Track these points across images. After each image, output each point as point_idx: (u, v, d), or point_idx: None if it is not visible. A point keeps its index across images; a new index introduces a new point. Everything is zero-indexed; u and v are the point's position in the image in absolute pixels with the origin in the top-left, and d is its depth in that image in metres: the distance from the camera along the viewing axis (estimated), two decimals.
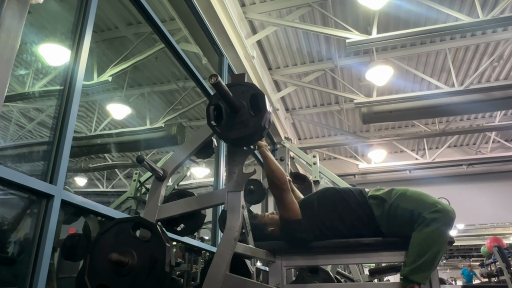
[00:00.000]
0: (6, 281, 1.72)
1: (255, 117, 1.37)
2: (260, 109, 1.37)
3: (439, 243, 1.54)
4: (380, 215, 1.71)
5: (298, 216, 1.75)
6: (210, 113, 1.42)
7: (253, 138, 1.41)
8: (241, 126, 1.38)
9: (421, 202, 1.65)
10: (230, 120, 1.40)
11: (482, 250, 11.65)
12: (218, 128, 1.40)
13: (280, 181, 1.76)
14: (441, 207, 1.58)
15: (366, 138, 8.30)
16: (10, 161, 4.53)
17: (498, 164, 9.36)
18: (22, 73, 5.24)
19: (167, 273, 1.18)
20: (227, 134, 1.39)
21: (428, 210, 1.58)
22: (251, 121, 1.37)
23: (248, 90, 1.42)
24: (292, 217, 1.75)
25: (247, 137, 1.38)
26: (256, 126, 1.37)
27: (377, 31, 4.85)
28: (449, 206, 1.61)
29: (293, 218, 1.75)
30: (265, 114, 1.36)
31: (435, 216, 1.55)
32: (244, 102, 1.40)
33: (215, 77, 1.28)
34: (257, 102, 1.39)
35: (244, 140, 1.41)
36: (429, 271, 1.54)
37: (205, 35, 3.83)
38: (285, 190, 1.77)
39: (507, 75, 6.84)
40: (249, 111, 1.39)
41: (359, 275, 3.28)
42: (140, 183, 4.97)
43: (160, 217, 1.45)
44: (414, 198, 1.69)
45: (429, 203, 1.62)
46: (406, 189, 1.75)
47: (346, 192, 1.84)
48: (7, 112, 6.10)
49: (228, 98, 1.34)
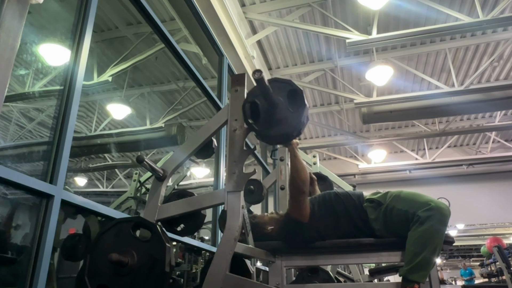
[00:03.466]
0: (6, 281, 1.72)
1: (294, 113, 1.36)
2: (299, 105, 1.36)
3: (434, 240, 1.54)
4: (376, 218, 1.72)
5: (305, 219, 1.74)
6: (246, 111, 1.39)
7: (292, 135, 1.39)
8: (280, 123, 1.36)
9: (415, 201, 1.66)
10: (268, 117, 1.37)
11: (482, 250, 11.66)
12: (256, 126, 1.38)
13: (303, 182, 1.73)
14: (434, 205, 1.59)
15: (366, 138, 8.30)
16: (10, 161, 4.53)
17: (498, 164, 9.35)
18: (22, 73, 5.24)
19: (167, 273, 1.18)
20: (266, 132, 1.37)
21: (421, 208, 1.59)
22: (290, 118, 1.36)
23: (285, 87, 1.40)
24: (299, 218, 1.75)
25: (287, 134, 1.37)
26: (296, 123, 1.35)
27: (377, 31, 4.85)
28: (443, 204, 1.62)
29: (299, 219, 1.75)
30: (305, 110, 1.35)
31: (429, 214, 1.56)
32: (282, 99, 1.38)
33: (259, 72, 1.27)
34: (295, 98, 1.38)
35: (283, 137, 1.40)
36: (427, 269, 1.54)
37: (205, 35, 3.83)
38: (304, 193, 1.74)
39: (507, 75, 6.83)
40: (287, 107, 1.37)
41: (359, 275, 3.28)
42: (140, 183, 4.97)
43: (160, 217, 1.45)
44: (408, 198, 1.70)
45: (422, 202, 1.63)
46: (400, 191, 1.77)
47: (345, 196, 1.85)
48: (7, 112, 6.10)
49: (268, 94, 1.33)
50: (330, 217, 1.78)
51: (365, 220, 1.75)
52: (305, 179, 1.73)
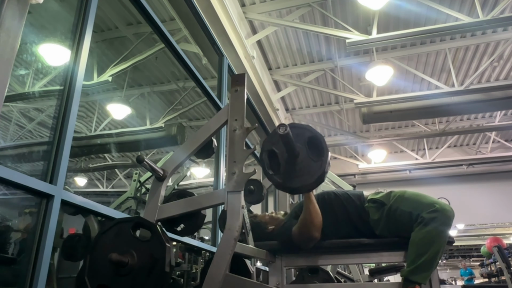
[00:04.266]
0: (6, 281, 1.72)
1: (317, 162, 1.29)
2: (320, 152, 1.30)
3: (438, 242, 1.54)
4: (378, 218, 1.71)
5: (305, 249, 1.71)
6: (265, 161, 1.34)
7: (315, 185, 1.34)
8: (302, 173, 1.30)
9: (419, 203, 1.65)
10: (289, 167, 1.32)
11: (482, 250, 11.65)
12: (277, 177, 1.32)
13: (315, 227, 1.64)
14: (439, 207, 1.58)
15: (366, 138, 8.30)
16: (10, 161, 4.53)
17: (498, 164, 9.35)
18: (22, 73, 5.24)
19: (167, 273, 1.18)
20: (288, 184, 1.31)
21: (426, 210, 1.58)
22: (312, 167, 1.29)
23: (304, 133, 1.34)
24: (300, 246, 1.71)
25: (310, 185, 1.31)
26: (319, 173, 1.29)
27: (377, 31, 4.84)
28: (447, 205, 1.61)
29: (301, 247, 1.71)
30: (327, 159, 1.29)
31: (433, 216, 1.55)
32: (301, 146, 1.32)
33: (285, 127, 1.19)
34: (316, 145, 1.32)
35: (306, 188, 1.34)
36: (429, 270, 1.54)
37: (205, 35, 3.83)
38: (316, 238, 1.65)
39: (507, 75, 6.83)
40: (308, 155, 1.31)
41: (359, 275, 3.28)
42: (140, 183, 4.97)
43: (160, 217, 1.45)
44: (412, 199, 1.68)
45: (427, 203, 1.62)
46: (404, 191, 1.75)
47: (345, 197, 1.83)
48: (7, 112, 6.10)
49: (291, 146, 1.26)
50: (329, 217, 1.77)
51: (365, 220, 1.75)
52: (318, 226, 1.64)
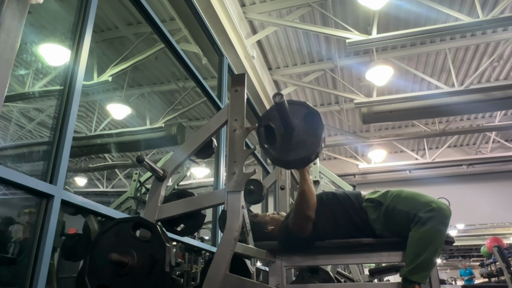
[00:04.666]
0: (6, 281, 1.72)
1: (312, 136, 1.32)
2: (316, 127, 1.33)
3: (436, 241, 1.54)
4: (376, 218, 1.71)
5: (304, 235, 1.71)
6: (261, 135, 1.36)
7: (310, 159, 1.35)
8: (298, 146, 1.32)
9: (416, 202, 1.65)
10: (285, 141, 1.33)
11: (482, 250, 11.65)
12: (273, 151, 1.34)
13: (309, 207, 1.67)
14: (436, 206, 1.58)
15: (366, 138, 8.30)
16: (10, 161, 4.53)
17: (498, 164, 9.35)
18: (22, 73, 5.24)
19: (167, 273, 1.18)
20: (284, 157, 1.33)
21: (423, 209, 1.58)
22: (308, 141, 1.32)
23: (300, 109, 1.37)
24: (296, 233, 1.72)
25: (305, 158, 1.33)
26: (314, 146, 1.31)
27: (377, 31, 4.84)
28: (444, 205, 1.61)
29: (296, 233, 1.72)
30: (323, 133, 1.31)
31: (430, 215, 1.55)
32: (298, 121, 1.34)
33: (280, 95, 1.22)
34: (312, 121, 1.34)
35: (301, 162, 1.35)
36: (428, 270, 1.54)
37: (205, 35, 3.83)
38: (310, 218, 1.68)
39: (507, 75, 6.84)
40: (304, 130, 1.33)
41: (359, 275, 3.28)
42: (140, 183, 4.97)
43: (160, 217, 1.45)
44: (409, 198, 1.68)
45: (424, 202, 1.62)
46: (401, 190, 1.75)
47: (344, 197, 1.83)
48: (7, 112, 6.10)
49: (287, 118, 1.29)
50: (328, 218, 1.77)
51: (364, 220, 1.75)
52: (312, 205, 1.67)
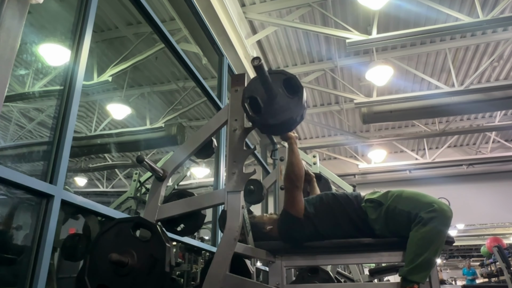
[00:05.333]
0: (6, 281, 1.72)
1: (294, 98, 1.36)
2: (296, 90, 1.37)
3: (436, 242, 1.54)
4: (376, 218, 1.71)
5: (300, 215, 1.76)
6: (247, 107, 1.39)
7: (296, 120, 1.39)
8: (282, 110, 1.36)
9: (418, 202, 1.64)
10: (269, 107, 1.38)
11: (482, 250, 11.65)
12: (260, 118, 1.38)
13: (297, 177, 1.76)
14: (437, 207, 1.58)
15: (366, 138, 8.30)
16: (10, 161, 4.53)
17: (498, 164, 9.35)
18: (22, 73, 5.24)
19: (167, 273, 1.18)
20: (270, 121, 1.37)
21: (424, 209, 1.58)
22: (291, 103, 1.36)
23: (279, 77, 1.42)
24: (294, 213, 1.76)
25: (291, 119, 1.36)
26: (297, 107, 1.36)
27: (377, 31, 4.84)
28: (446, 205, 1.61)
29: (294, 215, 1.76)
30: (304, 94, 1.36)
31: (432, 216, 1.55)
32: (278, 88, 1.39)
33: (258, 59, 1.26)
34: (291, 85, 1.39)
35: (288, 123, 1.39)
36: (428, 270, 1.54)
37: (205, 35, 3.83)
38: (298, 188, 1.77)
39: (507, 75, 6.83)
40: (286, 94, 1.38)
41: (359, 275, 3.28)
42: (140, 183, 4.98)
43: (160, 217, 1.45)
44: (410, 198, 1.68)
45: (425, 203, 1.62)
46: (402, 191, 1.75)
47: (343, 197, 1.84)
48: (7, 112, 6.10)
49: (268, 83, 1.33)
50: (328, 218, 1.78)
51: (364, 220, 1.75)
52: (299, 174, 1.76)
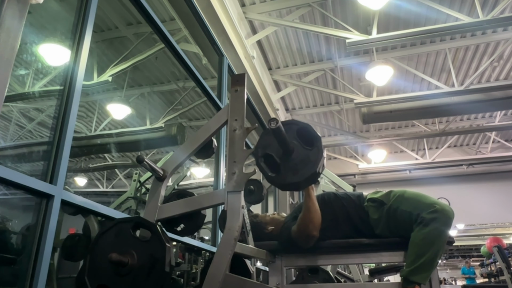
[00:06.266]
0: (6, 281, 1.72)
1: (312, 150, 1.31)
2: (313, 140, 1.33)
3: (438, 243, 1.54)
4: (378, 218, 1.71)
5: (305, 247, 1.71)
6: (263, 167, 1.35)
7: (319, 173, 1.33)
8: (303, 165, 1.31)
9: (420, 203, 1.64)
10: (287, 164, 1.32)
11: (482, 250, 11.64)
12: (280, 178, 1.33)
13: (314, 226, 1.66)
14: (439, 207, 1.58)
15: (366, 138, 8.30)
16: (10, 161, 4.53)
17: (498, 164, 9.35)
18: (22, 73, 5.24)
19: (167, 273, 1.18)
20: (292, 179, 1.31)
21: (426, 210, 1.58)
22: (310, 155, 1.31)
23: (291, 127, 1.37)
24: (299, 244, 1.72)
25: (315, 173, 1.31)
26: (317, 158, 1.30)
27: (377, 31, 4.84)
28: (448, 206, 1.61)
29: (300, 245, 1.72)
30: (321, 143, 1.32)
31: (434, 216, 1.55)
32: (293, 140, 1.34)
33: (275, 121, 1.20)
34: (306, 134, 1.34)
35: (312, 178, 1.33)
36: (429, 271, 1.54)
37: (205, 35, 3.83)
38: (315, 237, 1.67)
39: (507, 75, 6.83)
40: (303, 146, 1.33)
41: (359, 275, 3.28)
42: (140, 183, 4.97)
43: (160, 217, 1.45)
44: (412, 199, 1.68)
45: (427, 203, 1.62)
46: (404, 191, 1.75)
47: (344, 197, 1.84)
48: (7, 112, 6.10)
49: (285, 142, 1.28)
50: (329, 218, 1.77)
51: (365, 220, 1.75)
52: (317, 224, 1.66)
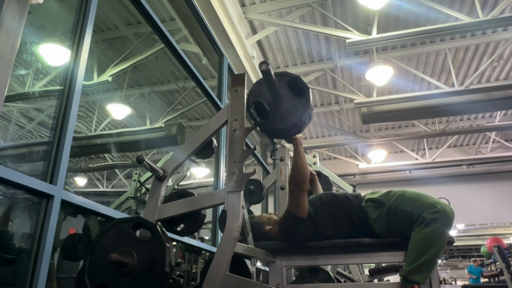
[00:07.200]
0: (6, 281, 1.72)
1: (301, 99, 1.34)
2: (302, 91, 1.35)
3: (438, 243, 1.54)
4: (377, 217, 1.71)
5: (304, 216, 1.75)
6: (253, 113, 1.36)
7: (306, 122, 1.36)
8: (290, 113, 1.33)
9: (420, 203, 1.64)
10: (275, 111, 1.35)
11: (482, 250, 11.63)
12: (269, 124, 1.36)
13: (303, 180, 1.75)
14: (440, 208, 1.58)
15: (366, 138, 8.30)
16: (10, 161, 4.53)
17: (498, 164, 9.35)
18: (22, 73, 5.24)
19: (167, 273, 1.18)
20: (280, 125, 1.34)
21: (427, 210, 1.58)
22: (298, 105, 1.34)
23: (282, 79, 1.39)
24: (299, 215, 1.76)
25: (301, 121, 1.34)
26: (305, 108, 1.33)
27: (377, 31, 4.84)
28: (448, 206, 1.61)
29: (299, 216, 1.76)
30: (309, 93, 1.34)
31: (435, 217, 1.55)
32: (283, 90, 1.36)
33: (266, 63, 1.24)
34: (296, 86, 1.36)
35: (299, 125, 1.36)
36: (429, 271, 1.54)
37: (205, 35, 3.83)
38: (304, 190, 1.76)
39: (507, 75, 6.83)
40: (292, 96, 1.35)
41: (359, 275, 3.28)
42: (140, 183, 4.97)
43: (160, 217, 1.45)
44: (413, 199, 1.68)
45: (428, 203, 1.62)
46: (404, 191, 1.75)
47: (343, 198, 1.84)
48: (7, 112, 6.10)
49: (274, 87, 1.31)
50: (328, 218, 1.78)
51: (364, 220, 1.75)
52: (305, 177, 1.75)
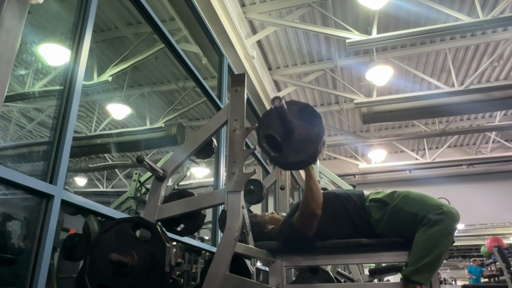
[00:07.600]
0: (6, 281, 1.72)
1: (313, 128, 1.32)
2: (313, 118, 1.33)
3: (443, 244, 1.53)
4: (380, 218, 1.70)
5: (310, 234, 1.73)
6: (266, 147, 1.35)
7: (320, 151, 1.33)
8: (305, 143, 1.31)
9: (426, 204, 1.63)
10: (289, 144, 1.32)
11: (482, 250, 11.63)
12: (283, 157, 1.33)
13: (316, 205, 1.70)
14: (446, 209, 1.57)
15: (366, 138, 8.30)
16: (10, 161, 4.53)
17: (498, 164, 9.36)
18: (22, 73, 5.24)
19: (167, 273, 1.18)
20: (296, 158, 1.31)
21: (433, 211, 1.57)
22: (311, 134, 1.32)
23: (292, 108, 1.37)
24: (305, 233, 1.73)
25: (316, 151, 1.31)
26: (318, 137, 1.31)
27: (377, 31, 4.84)
28: (454, 209, 1.60)
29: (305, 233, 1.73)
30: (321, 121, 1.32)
31: (440, 218, 1.54)
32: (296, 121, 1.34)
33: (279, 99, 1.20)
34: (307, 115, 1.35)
35: (314, 156, 1.33)
36: (432, 272, 1.53)
37: (205, 35, 3.83)
38: (317, 216, 1.71)
39: (507, 75, 6.84)
40: (304, 126, 1.33)
41: (359, 275, 3.28)
42: (140, 183, 4.98)
43: (160, 217, 1.44)
44: (418, 200, 1.67)
45: (434, 205, 1.61)
46: (409, 192, 1.74)
47: (345, 197, 1.83)
48: (7, 112, 6.11)
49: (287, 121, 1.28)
50: (329, 218, 1.77)
51: (366, 220, 1.74)
52: (319, 202, 1.70)
